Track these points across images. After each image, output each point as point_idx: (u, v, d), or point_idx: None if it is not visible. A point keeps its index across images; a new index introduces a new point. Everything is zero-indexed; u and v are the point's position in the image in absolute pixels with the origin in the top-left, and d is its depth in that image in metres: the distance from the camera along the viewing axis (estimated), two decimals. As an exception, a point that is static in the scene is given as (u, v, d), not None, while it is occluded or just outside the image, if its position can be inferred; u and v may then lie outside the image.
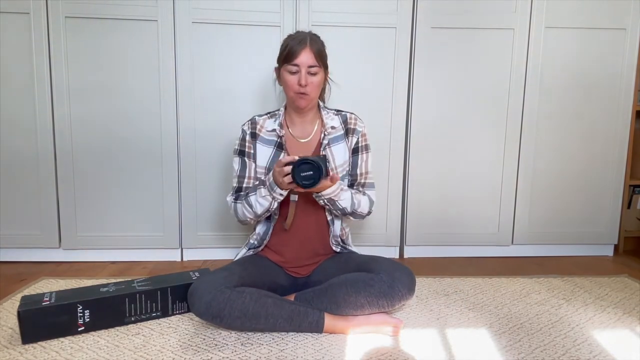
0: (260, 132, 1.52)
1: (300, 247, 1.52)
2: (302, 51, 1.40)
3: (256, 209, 1.43)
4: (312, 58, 1.41)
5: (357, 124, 1.55)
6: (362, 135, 1.55)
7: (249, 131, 1.52)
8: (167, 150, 1.98)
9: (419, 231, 2.13)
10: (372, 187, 1.58)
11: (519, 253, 2.21)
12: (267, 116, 1.56)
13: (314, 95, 1.47)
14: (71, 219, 1.98)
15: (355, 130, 1.54)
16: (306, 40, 1.42)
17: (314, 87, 1.44)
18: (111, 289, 1.39)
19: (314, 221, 1.52)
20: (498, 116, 2.08)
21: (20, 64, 1.89)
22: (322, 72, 1.47)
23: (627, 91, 2.11)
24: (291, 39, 1.44)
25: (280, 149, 1.50)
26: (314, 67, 1.42)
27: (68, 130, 1.93)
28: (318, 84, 1.45)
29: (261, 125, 1.53)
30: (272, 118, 1.54)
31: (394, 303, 1.34)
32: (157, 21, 1.90)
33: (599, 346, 1.29)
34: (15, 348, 1.24)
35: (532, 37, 2.04)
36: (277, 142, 1.51)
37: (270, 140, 1.51)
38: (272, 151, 1.50)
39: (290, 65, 1.42)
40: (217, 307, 1.25)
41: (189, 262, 2.07)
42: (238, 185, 1.53)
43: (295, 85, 1.42)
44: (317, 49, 1.43)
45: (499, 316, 1.48)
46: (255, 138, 1.52)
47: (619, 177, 2.16)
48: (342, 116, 1.56)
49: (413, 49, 2.01)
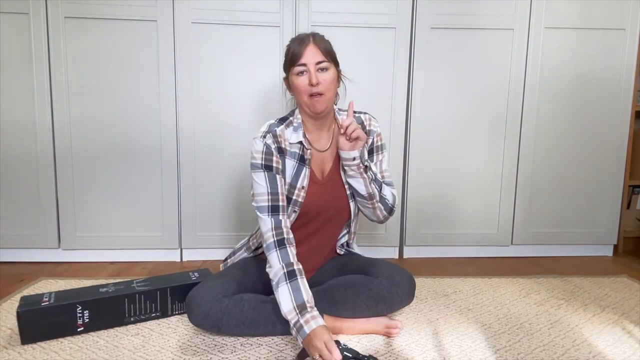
0: (286, 145, 1.35)
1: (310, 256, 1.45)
2: (306, 49, 1.29)
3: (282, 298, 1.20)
4: (319, 53, 1.29)
5: (372, 124, 1.46)
6: (378, 135, 1.47)
7: (275, 145, 1.33)
8: (166, 151, 1.98)
9: (418, 231, 2.13)
10: (391, 185, 1.47)
11: (519, 253, 2.21)
12: (283, 126, 1.36)
13: (330, 95, 1.32)
14: (70, 219, 1.98)
15: (370, 131, 1.45)
16: (308, 38, 1.31)
17: (328, 85, 1.30)
18: (110, 290, 1.38)
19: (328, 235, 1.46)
20: (497, 116, 2.08)
21: (20, 64, 1.89)
22: (334, 69, 1.33)
23: (626, 91, 2.11)
24: (292, 41, 1.35)
25: (303, 163, 1.36)
26: (323, 62, 1.29)
27: (67, 130, 1.93)
28: (331, 82, 1.31)
29: (283, 137, 1.35)
30: (289, 127, 1.37)
31: (392, 308, 1.33)
32: (157, 21, 1.90)
33: (598, 346, 1.29)
34: (14, 348, 1.24)
35: (532, 37, 2.04)
36: (299, 155, 1.36)
37: (294, 153, 1.36)
38: (295, 165, 1.36)
39: (297, 66, 1.29)
40: (215, 317, 1.24)
41: (189, 262, 2.07)
42: (273, 204, 1.30)
43: (306, 87, 1.29)
44: (323, 45, 1.32)
45: (499, 316, 1.48)
46: (283, 153, 1.34)
47: (619, 177, 2.16)
48: (357, 118, 1.45)
49: (412, 49, 2.01)
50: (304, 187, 1.36)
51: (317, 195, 1.38)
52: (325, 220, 1.42)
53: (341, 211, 1.43)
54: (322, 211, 1.40)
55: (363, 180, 1.36)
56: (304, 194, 1.36)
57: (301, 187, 1.35)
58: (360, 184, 1.37)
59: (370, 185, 1.37)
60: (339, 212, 1.43)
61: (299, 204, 1.36)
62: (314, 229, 1.43)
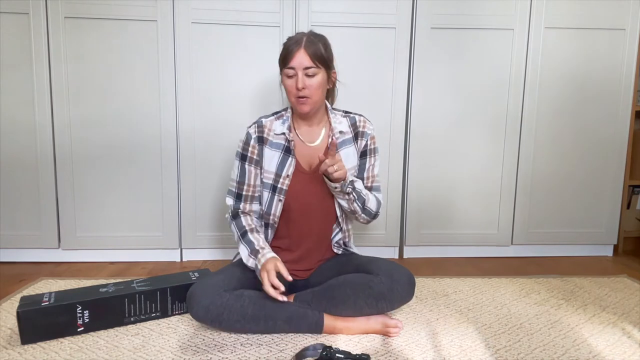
0: (269, 135, 1.44)
1: (303, 253, 1.49)
2: (296, 53, 1.34)
3: (241, 249, 1.40)
4: (307, 59, 1.34)
5: (366, 126, 1.49)
6: (371, 138, 1.50)
7: (256, 135, 1.44)
8: (166, 151, 1.98)
9: (418, 231, 2.13)
10: (378, 190, 1.53)
11: (519, 253, 2.21)
12: (273, 117, 1.48)
13: (316, 98, 1.39)
14: (70, 219, 1.98)
15: (364, 133, 1.49)
16: (301, 41, 1.35)
17: (314, 90, 1.36)
18: (110, 290, 1.38)
19: (318, 230, 1.49)
20: (497, 116, 2.08)
21: (20, 64, 1.89)
22: (323, 73, 1.38)
23: (626, 91, 2.11)
24: (288, 40, 1.39)
25: (288, 154, 1.43)
26: (311, 69, 1.34)
27: (67, 130, 1.93)
28: (318, 86, 1.37)
29: (269, 128, 1.45)
30: (279, 119, 1.47)
31: (393, 305, 1.33)
32: (157, 21, 1.90)
33: (598, 346, 1.29)
34: (14, 348, 1.24)
35: (532, 37, 2.04)
36: (285, 146, 1.44)
37: (278, 144, 1.44)
38: (280, 155, 1.44)
39: (287, 69, 1.36)
40: (216, 311, 1.25)
41: (189, 262, 2.07)
42: (238, 192, 1.46)
43: (293, 89, 1.36)
44: (313, 50, 1.34)
45: (499, 316, 1.48)
46: (262, 142, 1.44)
47: (619, 177, 2.16)
48: (350, 118, 1.49)
49: (412, 49, 2.01)
50: (288, 176, 1.43)
51: (301, 184, 1.44)
52: (313, 212, 1.46)
53: (325, 200, 1.46)
54: (306, 201, 1.44)
55: (346, 200, 1.42)
56: (288, 182, 1.43)
57: (286, 176, 1.42)
58: (343, 202, 1.44)
59: (353, 204, 1.43)
60: (323, 200, 1.45)
61: (284, 192, 1.43)
62: (307, 227, 1.46)
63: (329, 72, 1.42)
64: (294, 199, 1.43)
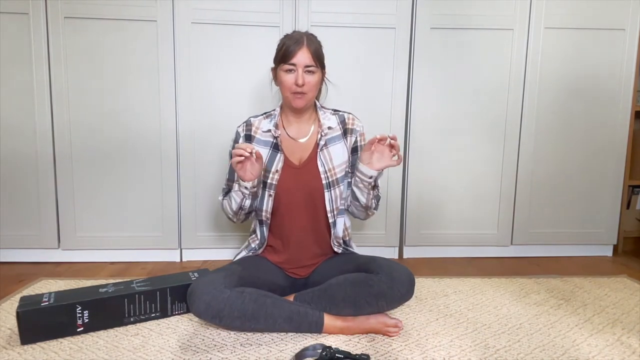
0: (256, 133, 1.51)
1: (299, 250, 1.51)
2: (299, 51, 1.39)
3: (232, 205, 1.45)
4: (309, 58, 1.40)
5: (355, 123, 1.54)
6: (361, 135, 1.54)
7: (244, 133, 1.52)
8: (166, 151, 1.98)
9: (418, 231, 2.13)
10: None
11: (518, 253, 2.21)
12: (262, 117, 1.55)
13: (311, 96, 1.46)
14: (70, 219, 1.98)
15: (353, 130, 1.53)
16: (303, 39, 1.41)
17: (311, 87, 1.43)
18: (110, 290, 1.38)
19: (312, 226, 1.50)
20: (497, 116, 2.08)
21: (19, 64, 1.89)
22: (320, 72, 1.46)
23: (626, 91, 2.11)
24: (288, 38, 1.43)
25: (277, 150, 1.48)
26: (311, 67, 1.41)
27: (67, 130, 1.93)
28: (315, 84, 1.44)
29: (256, 126, 1.52)
30: (267, 118, 1.54)
31: (393, 304, 1.33)
32: (157, 21, 1.90)
33: (598, 346, 1.29)
34: (14, 349, 1.24)
35: (531, 37, 2.04)
36: (273, 142, 1.50)
37: (266, 141, 1.50)
38: (268, 152, 1.49)
39: (287, 64, 1.40)
40: (217, 307, 1.25)
41: (188, 262, 2.07)
42: (227, 188, 1.55)
43: (292, 85, 1.41)
44: (314, 49, 1.42)
45: (498, 316, 1.48)
46: (250, 140, 1.50)
47: (618, 177, 2.16)
48: (339, 116, 1.55)
49: (412, 50, 2.01)
50: (277, 171, 1.47)
51: (291, 177, 1.48)
52: (303, 205, 1.48)
53: (315, 194, 1.48)
54: (296, 195, 1.47)
55: (367, 194, 1.46)
56: (277, 177, 1.47)
57: (275, 171, 1.47)
58: (362, 196, 1.47)
59: (371, 200, 1.47)
60: (313, 193, 1.47)
61: (274, 187, 1.47)
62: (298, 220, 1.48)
63: (324, 71, 1.51)
64: (284, 193, 1.47)
